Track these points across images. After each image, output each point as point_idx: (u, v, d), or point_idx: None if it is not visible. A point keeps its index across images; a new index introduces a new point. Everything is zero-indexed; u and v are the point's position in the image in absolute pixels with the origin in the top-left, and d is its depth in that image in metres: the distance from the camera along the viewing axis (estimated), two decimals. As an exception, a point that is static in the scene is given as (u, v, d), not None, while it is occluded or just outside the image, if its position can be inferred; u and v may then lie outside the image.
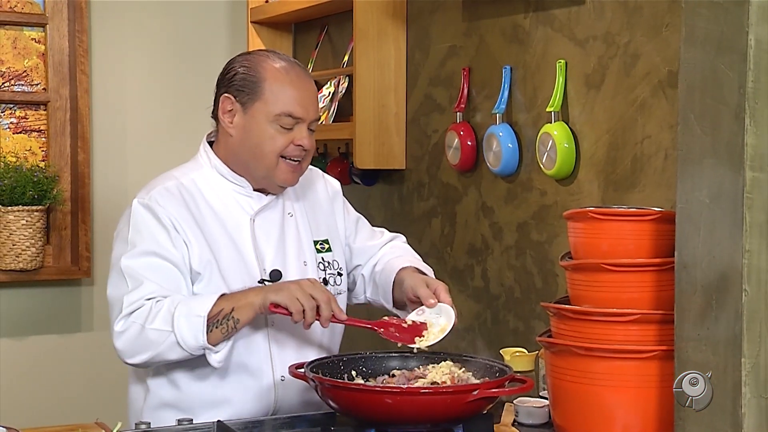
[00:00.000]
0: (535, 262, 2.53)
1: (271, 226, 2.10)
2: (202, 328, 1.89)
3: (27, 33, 3.52)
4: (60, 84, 3.52)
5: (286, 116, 2.02)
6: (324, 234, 2.18)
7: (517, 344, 2.40)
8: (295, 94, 2.03)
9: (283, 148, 2.03)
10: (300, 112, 2.03)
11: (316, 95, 2.11)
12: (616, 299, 1.79)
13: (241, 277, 2.03)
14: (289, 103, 2.03)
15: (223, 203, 2.08)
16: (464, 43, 2.77)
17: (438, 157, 2.89)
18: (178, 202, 2.04)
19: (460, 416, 1.75)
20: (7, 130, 3.50)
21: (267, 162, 2.04)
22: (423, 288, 2.05)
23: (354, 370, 1.93)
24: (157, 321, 1.92)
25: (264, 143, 2.03)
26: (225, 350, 1.94)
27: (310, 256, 2.13)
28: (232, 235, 2.06)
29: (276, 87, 2.03)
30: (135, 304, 1.95)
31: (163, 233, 2.00)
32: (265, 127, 2.03)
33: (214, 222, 2.05)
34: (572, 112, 2.40)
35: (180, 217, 2.02)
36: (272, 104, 2.02)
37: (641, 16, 2.21)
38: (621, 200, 2.25)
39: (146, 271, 1.98)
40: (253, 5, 3.50)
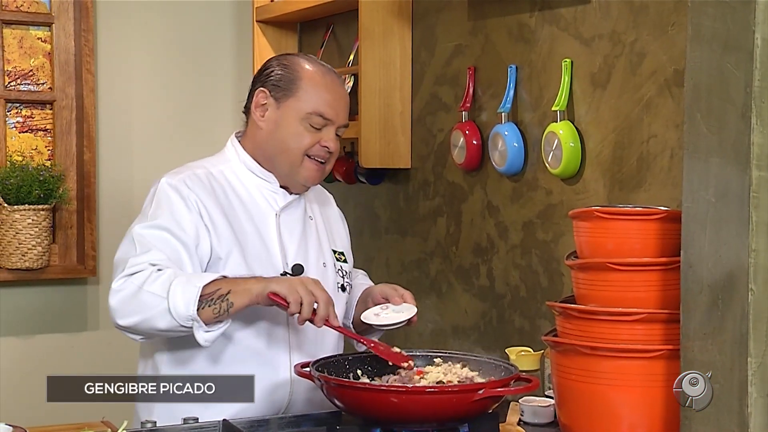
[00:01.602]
0: (541, 261, 2.53)
1: (295, 223, 2.15)
2: (194, 298, 1.88)
3: (33, 32, 3.52)
4: (66, 83, 3.53)
5: (317, 116, 2.08)
6: (340, 247, 2.25)
7: (522, 343, 2.40)
8: (328, 96, 2.09)
9: (310, 146, 2.08)
10: (330, 114, 2.09)
11: (347, 102, 2.15)
12: (621, 298, 1.79)
13: (264, 267, 2.05)
14: (322, 104, 2.08)
15: (250, 196, 2.12)
16: (470, 42, 2.77)
17: (443, 156, 2.89)
18: (206, 188, 2.07)
19: (465, 415, 1.75)
20: (14, 129, 3.51)
21: (292, 158, 2.09)
22: (392, 290, 2.12)
23: (360, 369, 1.93)
24: (155, 285, 1.92)
25: (291, 139, 2.08)
26: (216, 332, 1.92)
27: (329, 260, 2.18)
28: (258, 226, 2.10)
29: (311, 87, 2.09)
30: (138, 266, 1.95)
31: (185, 214, 2.02)
32: (295, 124, 2.09)
33: (242, 212, 2.09)
34: (578, 111, 2.39)
35: (207, 202, 2.05)
36: (305, 102, 2.08)
37: (647, 15, 2.21)
38: (627, 199, 2.25)
39: (156, 241, 2.00)
40: (259, 4, 3.50)
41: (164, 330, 1.93)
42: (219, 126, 3.73)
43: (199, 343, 1.92)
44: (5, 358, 3.43)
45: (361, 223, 3.28)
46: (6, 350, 3.44)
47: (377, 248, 3.20)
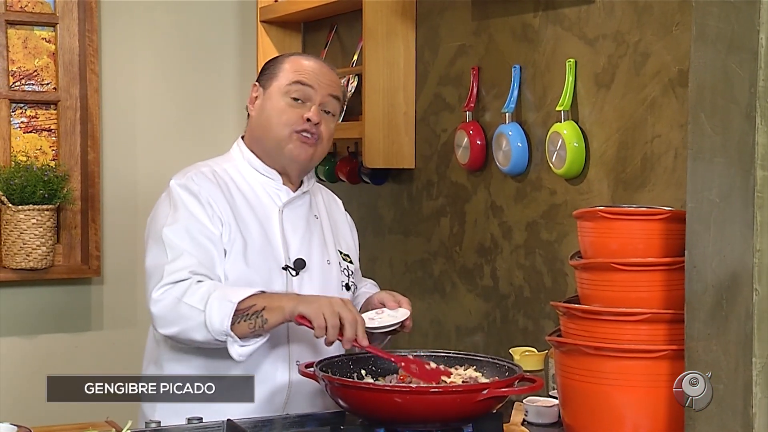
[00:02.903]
0: (545, 261, 2.53)
1: (298, 219, 2.16)
2: (229, 313, 1.89)
3: (37, 33, 3.53)
4: (70, 83, 3.53)
5: (296, 84, 2.11)
6: (345, 249, 2.26)
7: (526, 343, 2.40)
8: (307, 67, 2.14)
9: (294, 121, 2.10)
10: (309, 79, 2.11)
11: (332, 78, 2.16)
12: (625, 298, 1.79)
13: (267, 261, 2.07)
14: (299, 75, 2.12)
15: (254, 192, 2.15)
16: (473, 43, 2.77)
17: (447, 156, 2.88)
18: (212, 184, 2.10)
19: (469, 415, 1.75)
20: (18, 129, 3.52)
21: (277, 133, 2.11)
22: (389, 296, 2.11)
23: (363, 369, 1.94)
24: (194, 298, 1.93)
25: (274, 116, 2.12)
26: (251, 347, 1.93)
27: (335, 257, 2.19)
28: (261, 221, 2.11)
29: (291, 65, 2.15)
30: (177, 275, 1.97)
31: (201, 211, 2.05)
32: (278, 101, 2.12)
33: (246, 206, 2.11)
34: (582, 112, 2.39)
35: (215, 196, 2.08)
36: (284, 78, 2.13)
37: (651, 14, 2.21)
38: (631, 199, 2.25)
39: (186, 243, 2.02)
40: (263, 4, 3.50)
41: (201, 342, 1.96)
42: (223, 126, 3.74)
43: (234, 358, 1.93)
44: (9, 358, 3.44)
45: (364, 223, 3.28)
46: (10, 350, 3.45)
47: (381, 248, 3.20)
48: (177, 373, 2.06)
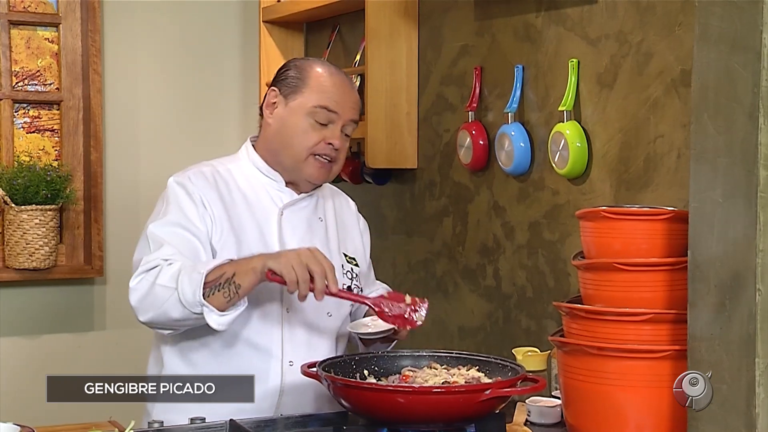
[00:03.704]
0: (547, 261, 2.53)
1: (299, 222, 2.17)
2: (199, 284, 1.91)
3: (40, 33, 3.53)
4: (73, 83, 3.54)
5: (321, 109, 2.10)
6: (352, 251, 2.26)
7: (529, 344, 2.40)
8: (333, 91, 2.12)
9: (314, 144, 2.10)
10: (335, 106, 2.11)
11: (355, 101, 2.17)
12: (628, 299, 1.79)
13: None
14: (325, 98, 2.11)
15: (255, 193, 2.15)
16: (476, 43, 2.77)
17: (450, 156, 2.88)
18: (209, 184, 2.12)
19: (472, 415, 1.75)
20: (21, 129, 3.52)
21: (296, 154, 2.11)
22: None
23: (366, 369, 1.93)
24: (165, 278, 1.96)
25: (297, 135, 2.11)
26: (231, 316, 1.94)
27: (337, 260, 2.18)
28: (259, 223, 2.12)
29: (317, 83, 2.13)
30: (151, 263, 2.00)
31: (192, 208, 2.07)
32: (301, 119, 2.11)
33: (244, 208, 2.12)
34: (584, 112, 2.39)
35: (209, 196, 2.09)
36: (310, 98, 2.11)
37: (654, 14, 2.21)
38: (633, 199, 2.25)
39: (169, 236, 2.04)
40: (265, 4, 3.50)
41: (180, 319, 1.96)
42: (225, 126, 3.74)
43: (214, 328, 1.93)
44: (12, 358, 3.44)
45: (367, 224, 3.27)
46: (13, 350, 3.45)
47: (383, 248, 3.20)
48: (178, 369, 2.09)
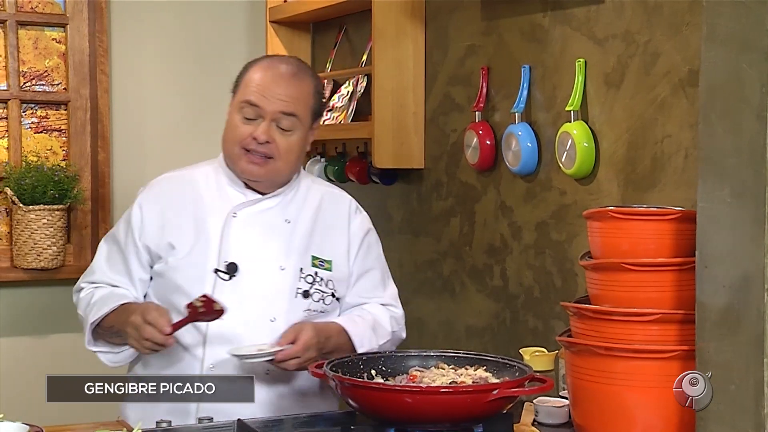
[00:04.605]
0: (555, 261, 2.52)
1: (255, 224, 2.15)
2: (88, 333, 2.12)
3: (48, 33, 3.54)
4: (80, 84, 3.55)
5: (246, 104, 2.09)
6: (327, 254, 2.19)
7: (536, 344, 2.40)
8: (259, 83, 2.10)
9: (243, 139, 2.10)
10: (258, 100, 2.08)
11: (287, 94, 2.10)
12: (636, 299, 1.79)
13: (194, 264, 2.10)
14: (250, 93, 2.10)
15: (213, 195, 2.17)
16: (483, 43, 2.77)
17: (457, 156, 2.88)
18: (162, 190, 2.19)
19: (479, 416, 1.75)
20: (29, 129, 3.53)
21: (230, 151, 2.13)
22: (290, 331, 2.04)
23: (374, 369, 1.93)
24: (81, 308, 2.18)
25: (229, 132, 2.14)
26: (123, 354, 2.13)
27: (296, 263, 2.14)
28: (206, 224, 2.13)
29: (248, 79, 2.12)
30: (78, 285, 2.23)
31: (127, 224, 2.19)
32: (234, 116, 2.13)
33: (194, 211, 2.15)
34: (591, 111, 2.39)
35: (151, 205, 2.17)
36: (240, 94, 2.13)
37: (661, 14, 2.21)
38: (641, 200, 2.24)
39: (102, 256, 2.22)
40: (272, 5, 3.51)
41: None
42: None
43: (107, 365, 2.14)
44: (20, 358, 3.45)
45: (374, 224, 3.27)
46: (21, 350, 3.46)
47: (390, 248, 3.19)
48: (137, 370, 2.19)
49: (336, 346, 2.10)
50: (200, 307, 1.98)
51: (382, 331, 2.21)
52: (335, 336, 2.10)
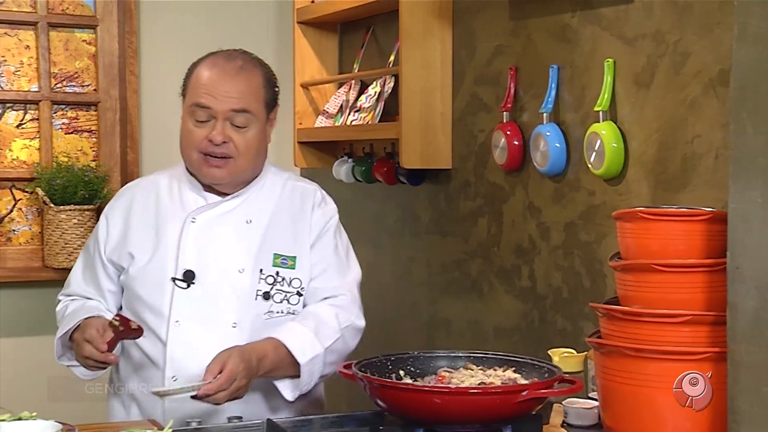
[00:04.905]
0: (583, 262, 2.51)
1: (215, 227, 2.11)
2: (56, 350, 2.13)
3: (78, 35, 3.58)
4: (110, 85, 3.58)
5: (196, 106, 2.05)
6: (291, 251, 2.13)
7: (565, 345, 2.39)
8: (207, 83, 2.05)
9: (199, 143, 2.05)
10: (207, 101, 2.04)
11: (236, 90, 2.05)
12: (666, 300, 1.78)
13: (152, 273, 2.09)
14: (198, 94, 2.05)
15: (174, 201, 2.15)
16: (511, 43, 2.76)
17: (484, 156, 2.88)
18: (125, 199, 2.19)
19: (508, 417, 1.75)
20: (60, 130, 3.57)
21: (189, 157, 2.10)
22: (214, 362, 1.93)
23: (402, 370, 1.94)
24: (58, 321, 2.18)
25: (184, 138, 2.10)
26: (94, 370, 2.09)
27: (255, 265, 2.09)
28: (164, 231, 2.11)
29: (194, 81, 2.09)
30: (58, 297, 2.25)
31: (96, 234, 2.19)
32: (186, 121, 2.09)
33: (153, 218, 2.14)
34: (621, 112, 2.38)
35: (116, 215, 2.17)
36: (189, 97, 2.09)
37: (691, 14, 2.19)
38: (671, 200, 2.23)
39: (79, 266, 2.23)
40: (299, 5, 3.52)
41: None
42: (260, 127, 3.75)
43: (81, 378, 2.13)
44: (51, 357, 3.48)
45: (401, 224, 3.28)
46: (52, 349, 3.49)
47: (418, 249, 3.20)
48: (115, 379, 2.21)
49: (274, 364, 2.00)
50: (119, 326, 1.95)
51: (328, 331, 2.09)
52: (271, 354, 1.99)
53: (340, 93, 3.44)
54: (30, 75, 3.52)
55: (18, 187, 3.52)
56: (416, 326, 3.20)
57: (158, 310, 2.07)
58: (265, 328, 2.08)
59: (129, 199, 2.19)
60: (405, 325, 3.26)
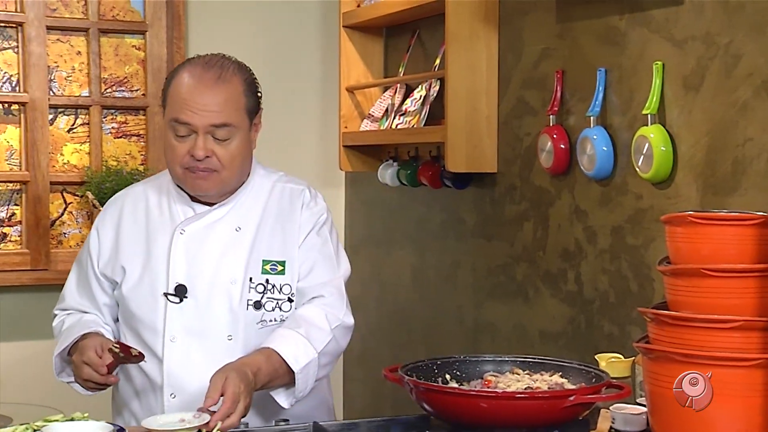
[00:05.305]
0: (631, 266, 2.49)
1: (203, 238, 2.07)
2: (56, 366, 2.08)
3: (128, 40, 3.63)
4: (158, 89, 3.60)
5: (176, 122, 1.99)
6: (279, 255, 2.09)
7: (611, 350, 2.37)
8: (186, 99, 1.98)
9: (181, 158, 1.99)
10: (187, 117, 1.97)
11: (215, 103, 1.98)
12: (717, 305, 1.75)
13: (144, 288, 2.05)
14: (177, 109, 1.98)
15: (163, 212, 2.11)
16: (557, 45, 2.75)
17: (530, 160, 2.87)
18: (114, 211, 2.16)
19: (555, 422, 1.74)
20: (109, 134, 3.62)
21: (175, 172, 2.04)
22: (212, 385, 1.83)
23: (448, 374, 1.94)
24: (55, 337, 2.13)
25: (166, 152, 2.04)
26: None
27: (246, 274, 2.06)
28: (154, 245, 2.07)
29: (173, 93, 2.01)
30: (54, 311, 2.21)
31: (88, 245, 2.17)
32: (167, 135, 2.03)
33: (142, 230, 2.10)
34: (669, 115, 2.35)
35: (107, 227, 2.14)
36: (169, 111, 2.02)
37: (743, 15, 2.16)
38: (721, 204, 2.20)
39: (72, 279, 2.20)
40: (345, 9, 3.53)
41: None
42: (305, 131, 3.78)
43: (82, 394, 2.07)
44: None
45: (446, 228, 3.28)
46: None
47: (463, 252, 3.19)
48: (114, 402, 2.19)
49: (269, 375, 1.93)
50: (119, 353, 1.92)
51: (319, 334, 2.02)
52: (264, 365, 1.92)
53: (385, 97, 3.45)
54: (81, 80, 3.58)
55: (69, 191, 3.58)
56: (461, 330, 3.19)
57: (153, 327, 2.04)
58: (259, 337, 2.03)
59: (118, 210, 2.14)
60: (450, 329, 3.25)
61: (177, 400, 2.02)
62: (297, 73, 3.79)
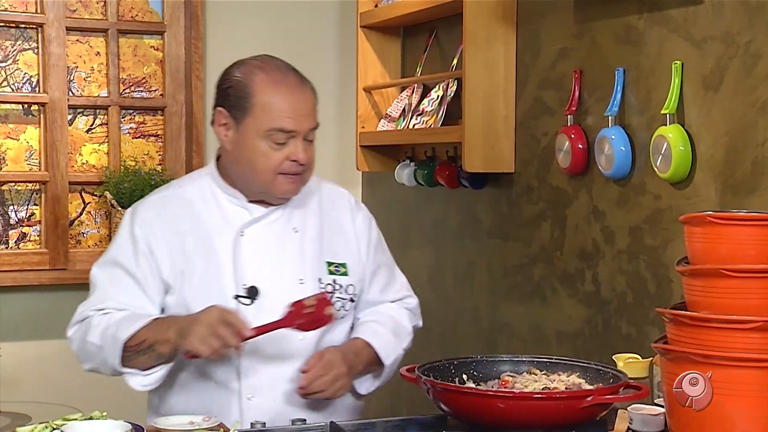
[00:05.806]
0: (649, 267, 2.48)
1: (266, 239, 2.07)
2: (118, 353, 1.93)
3: (147, 41, 3.65)
4: (176, 90, 3.64)
5: (278, 131, 1.98)
6: (341, 258, 2.13)
7: (629, 350, 2.36)
8: (286, 106, 1.98)
9: (279, 164, 1.99)
10: (291, 125, 1.98)
11: (311, 103, 2.03)
12: (735, 306, 1.74)
13: (210, 291, 2.00)
14: (279, 118, 1.97)
15: (214, 215, 2.07)
16: (575, 45, 2.74)
17: (548, 160, 2.86)
18: (159, 214, 2.06)
19: (573, 422, 1.73)
20: (127, 134, 3.64)
21: (263, 178, 2.01)
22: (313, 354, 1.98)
23: (465, 374, 1.94)
24: (94, 335, 1.98)
25: (257, 160, 1.99)
26: (155, 375, 1.97)
27: (313, 274, 2.07)
28: (214, 247, 2.04)
29: (266, 101, 1.99)
30: (83, 314, 2.03)
31: (130, 247, 2.04)
32: (258, 143, 1.99)
33: (197, 234, 2.05)
34: (688, 114, 2.34)
35: (155, 230, 2.04)
36: (261, 120, 1.98)
37: (763, 15, 2.15)
38: (740, 204, 2.19)
39: (107, 280, 2.05)
40: (363, 10, 3.54)
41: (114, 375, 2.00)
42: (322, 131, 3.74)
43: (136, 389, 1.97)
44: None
45: (463, 228, 3.28)
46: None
47: (479, 253, 3.19)
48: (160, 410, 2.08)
49: (366, 362, 2.06)
50: (310, 307, 1.88)
51: (404, 332, 2.17)
52: (363, 353, 2.06)
53: (402, 97, 3.45)
54: (100, 81, 3.60)
55: (87, 191, 3.60)
56: (477, 330, 3.19)
57: None
58: (328, 336, 2.08)
59: (158, 214, 2.07)
60: (466, 329, 3.25)
61: (254, 401, 2.01)
62: (314, 73, 3.74)
